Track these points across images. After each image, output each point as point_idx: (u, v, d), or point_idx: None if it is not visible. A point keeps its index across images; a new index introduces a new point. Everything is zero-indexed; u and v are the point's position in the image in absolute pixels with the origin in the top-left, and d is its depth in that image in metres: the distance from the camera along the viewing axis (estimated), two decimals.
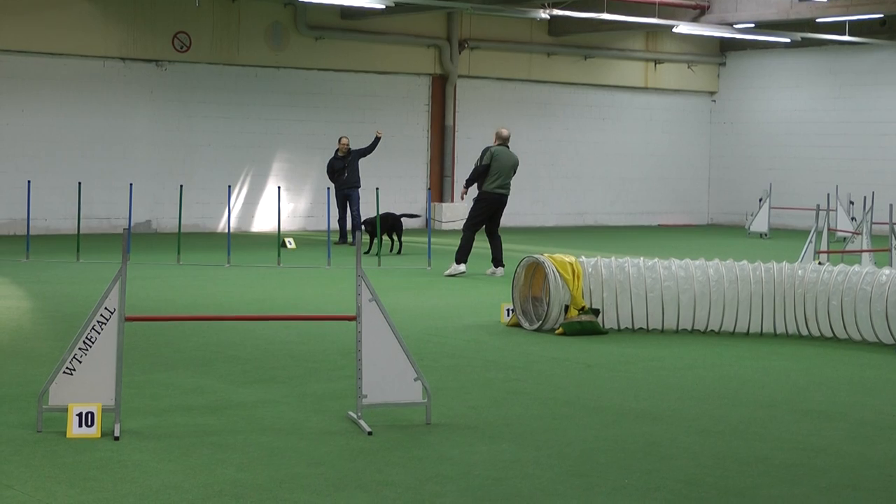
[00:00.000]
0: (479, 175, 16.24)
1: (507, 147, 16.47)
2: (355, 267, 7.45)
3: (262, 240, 22.47)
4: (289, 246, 20.28)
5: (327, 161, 22.16)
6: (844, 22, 25.16)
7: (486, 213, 16.38)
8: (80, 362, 7.05)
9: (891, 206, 16.43)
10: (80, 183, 18.59)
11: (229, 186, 19.67)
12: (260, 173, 25.19)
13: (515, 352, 10.49)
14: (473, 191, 16.82)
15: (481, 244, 16.97)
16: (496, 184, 16.22)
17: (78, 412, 6.98)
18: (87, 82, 23.31)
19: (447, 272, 16.35)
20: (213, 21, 24.24)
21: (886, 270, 11.21)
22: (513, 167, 16.37)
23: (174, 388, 8.54)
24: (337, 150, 21.91)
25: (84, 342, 7.06)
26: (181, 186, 18.67)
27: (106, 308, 7.06)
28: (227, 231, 18.37)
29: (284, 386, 8.72)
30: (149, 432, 7.17)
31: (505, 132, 16.63)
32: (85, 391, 7.07)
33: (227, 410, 7.84)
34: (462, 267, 16.30)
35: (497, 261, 16.52)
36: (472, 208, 16.62)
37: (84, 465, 6.44)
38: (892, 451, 7.14)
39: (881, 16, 24.95)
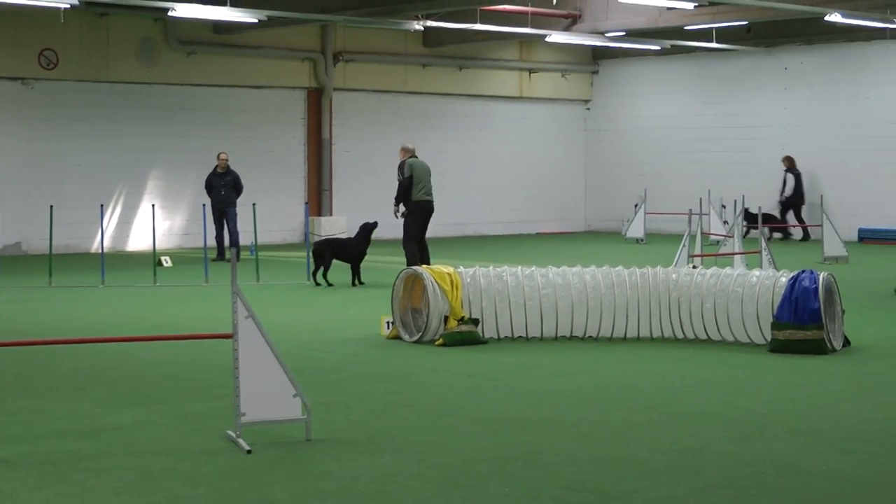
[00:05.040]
0: (406, 188, 17.13)
1: (416, 157, 17.46)
2: (230, 284, 7.36)
3: (137, 259, 22.10)
4: (165, 264, 19.99)
5: (204, 178, 21.91)
6: (711, 29, 25.70)
7: (421, 222, 17.27)
8: None
9: (759, 208, 16.84)
10: None
11: (102, 205, 19.31)
12: (134, 191, 24.75)
13: (396, 364, 10.47)
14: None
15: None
16: (422, 192, 17.21)
17: None
18: None
19: None
20: (81, 37, 23.77)
21: (756, 272, 11.48)
22: (429, 174, 17.48)
23: (47, 413, 8.34)
24: (216, 167, 21.67)
25: None
26: (51, 207, 18.27)
27: None
28: (100, 251, 18.03)
29: (162, 407, 8.58)
30: (20, 460, 6.99)
31: (410, 145, 17.80)
32: None
33: (102, 434, 7.69)
34: None
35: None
36: (405, 222, 17.28)
37: None
38: (765, 449, 7.29)
39: (746, 23, 25.59)
